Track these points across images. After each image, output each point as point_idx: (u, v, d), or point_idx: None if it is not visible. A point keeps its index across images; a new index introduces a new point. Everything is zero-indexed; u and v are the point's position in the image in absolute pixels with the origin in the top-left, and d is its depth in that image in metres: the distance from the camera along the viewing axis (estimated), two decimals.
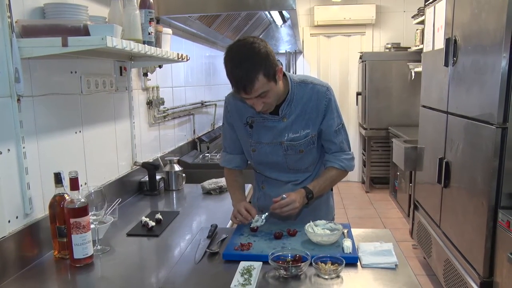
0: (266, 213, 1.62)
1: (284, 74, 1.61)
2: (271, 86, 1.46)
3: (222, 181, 2.38)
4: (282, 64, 1.48)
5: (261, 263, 1.34)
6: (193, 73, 3.53)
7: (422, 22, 3.77)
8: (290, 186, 1.75)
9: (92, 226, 1.48)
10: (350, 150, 1.72)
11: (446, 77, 2.75)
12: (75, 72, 1.76)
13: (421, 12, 4.54)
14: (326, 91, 1.63)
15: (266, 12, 3.42)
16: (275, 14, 3.51)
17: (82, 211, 1.40)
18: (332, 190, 1.86)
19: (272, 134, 1.65)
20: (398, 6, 5.67)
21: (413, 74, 4.96)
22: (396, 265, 1.35)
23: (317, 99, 1.62)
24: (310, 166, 1.74)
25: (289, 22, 3.94)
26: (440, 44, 2.88)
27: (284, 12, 3.41)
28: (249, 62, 1.41)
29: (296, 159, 1.69)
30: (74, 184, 1.40)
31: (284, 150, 1.66)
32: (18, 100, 1.40)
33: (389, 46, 5.47)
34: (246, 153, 1.76)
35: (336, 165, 1.68)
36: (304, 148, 1.66)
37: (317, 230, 1.52)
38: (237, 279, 1.26)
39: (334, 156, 1.69)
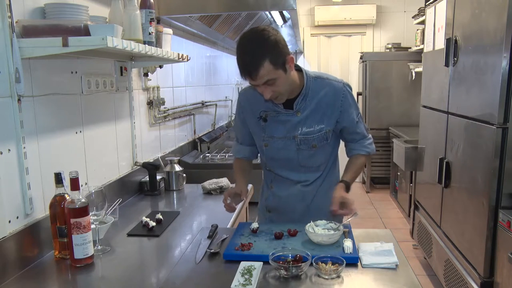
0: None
1: (301, 69, 1.63)
2: (279, 74, 1.46)
3: (222, 181, 2.38)
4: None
5: (261, 263, 1.34)
6: (194, 73, 3.53)
7: (423, 22, 3.77)
8: (299, 187, 1.73)
9: (92, 226, 1.48)
10: (369, 134, 1.78)
11: (447, 77, 2.75)
12: (76, 72, 1.77)
13: (421, 12, 4.54)
14: (342, 87, 1.65)
15: (267, 12, 3.42)
16: (275, 14, 3.51)
17: (83, 211, 1.40)
18: None
19: (285, 129, 1.65)
20: (398, 6, 5.67)
21: (413, 74, 4.96)
22: (396, 265, 1.35)
23: (334, 94, 1.63)
24: (322, 164, 1.73)
25: (289, 22, 3.94)
26: (440, 44, 2.88)
27: (285, 12, 3.41)
28: (256, 48, 1.42)
29: (308, 155, 1.68)
30: (75, 184, 1.40)
31: (297, 145, 1.66)
32: (19, 100, 1.40)
33: (390, 46, 5.48)
34: (259, 148, 1.77)
35: (363, 152, 1.75)
36: (317, 143, 1.66)
37: (318, 230, 1.52)
38: (238, 279, 1.26)
39: (359, 143, 1.75)
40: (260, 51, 1.42)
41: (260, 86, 1.49)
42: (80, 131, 1.81)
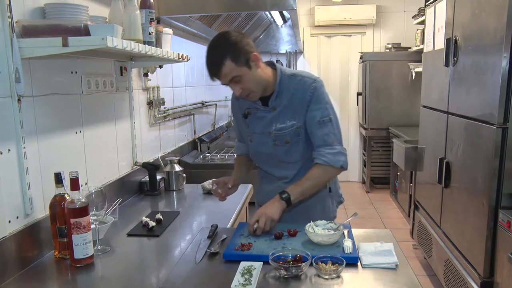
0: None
1: (276, 68, 1.69)
2: (243, 71, 1.54)
3: None
4: (281, 63, 1.56)
5: (261, 263, 1.34)
6: (194, 73, 3.53)
7: (423, 22, 3.77)
8: (280, 183, 1.76)
9: (92, 226, 1.48)
10: (338, 145, 1.64)
11: (447, 77, 2.75)
12: (76, 72, 1.77)
13: (421, 12, 4.54)
14: (312, 82, 1.65)
15: (267, 12, 3.42)
16: (275, 14, 3.50)
17: (83, 211, 1.40)
18: (330, 191, 1.84)
19: (262, 124, 1.71)
20: (398, 6, 5.67)
21: (413, 74, 4.96)
22: (396, 265, 1.35)
23: (303, 90, 1.65)
24: (298, 161, 1.74)
25: (289, 22, 3.94)
26: (440, 44, 2.88)
27: (285, 12, 3.41)
28: (217, 49, 1.53)
29: (283, 150, 1.71)
30: (75, 184, 1.40)
31: (272, 140, 1.71)
32: (19, 100, 1.40)
33: (390, 46, 5.47)
34: (246, 143, 1.84)
35: (319, 161, 1.62)
36: (290, 138, 1.68)
37: (318, 230, 1.52)
38: (238, 279, 1.26)
39: (317, 151, 1.65)
40: (220, 50, 1.52)
41: (229, 84, 1.57)
42: (80, 131, 1.81)
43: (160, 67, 2.56)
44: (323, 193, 1.81)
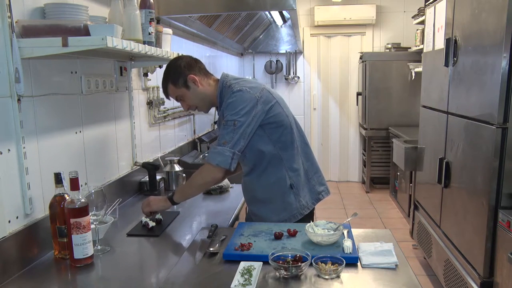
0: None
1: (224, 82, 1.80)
2: (183, 91, 1.78)
3: (222, 181, 2.38)
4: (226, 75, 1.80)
5: (261, 263, 1.34)
6: None
7: (423, 22, 3.78)
8: (243, 177, 1.94)
9: (92, 226, 1.48)
10: (226, 146, 1.68)
11: (446, 77, 2.75)
12: (75, 72, 1.77)
13: (421, 12, 4.55)
14: (231, 92, 1.72)
15: (267, 12, 3.42)
16: (275, 14, 3.51)
17: (82, 211, 1.40)
18: (292, 187, 1.81)
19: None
20: (398, 6, 5.67)
21: (413, 74, 4.96)
22: (396, 265, 1.35)
23: (226, 98, 1.74)
24: (246, 158, 1.81)
25: (289, 22, 3.95)
26: (440, 44, 2.88)
27: (285, 12, 3.42)
28: (164, 74, 1.81)
29: (240, 158, 1.79)
30: (74, 184, 1.40)
31: None
32: (18, 100, 1.40)
33: (390, 46, 5.47)
34: None
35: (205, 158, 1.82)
36: None
37: (317, 230, 1.52)
38: (237, 279, 1.26)
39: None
40: (165, 76, 1.80)
41: (178, 101, 1.84)
42: (80, 131, 1.81)
43: (160, 67, 2.56)
44: (283, 189, 1.81)
